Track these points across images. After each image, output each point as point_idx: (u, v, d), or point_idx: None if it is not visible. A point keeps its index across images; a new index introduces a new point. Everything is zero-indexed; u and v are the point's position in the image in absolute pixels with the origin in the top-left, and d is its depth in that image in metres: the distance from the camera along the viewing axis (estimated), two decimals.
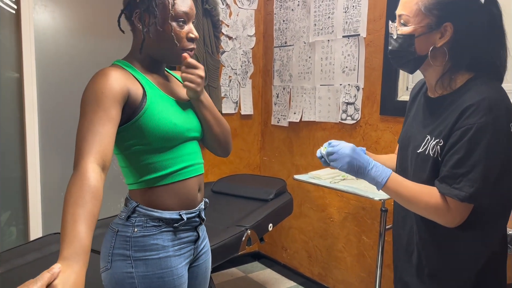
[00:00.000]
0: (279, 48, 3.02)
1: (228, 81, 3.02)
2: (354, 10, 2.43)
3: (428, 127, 1.12)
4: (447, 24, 1.04)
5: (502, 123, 0.98)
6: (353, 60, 2.47)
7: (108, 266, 1.14)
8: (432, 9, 1.04)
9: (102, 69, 1.09)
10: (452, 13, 1.04)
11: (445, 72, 1.09)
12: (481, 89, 1.02)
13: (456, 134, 1.01)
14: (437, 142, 1.06)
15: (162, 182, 1.16)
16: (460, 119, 1.01)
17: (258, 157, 3.27)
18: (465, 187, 0.99)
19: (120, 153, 1.16)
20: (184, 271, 1.20)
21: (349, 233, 2.58)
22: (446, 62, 1.08)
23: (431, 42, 1.07)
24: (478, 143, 0.98)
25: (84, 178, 0.91)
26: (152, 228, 1.15)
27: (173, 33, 1.13)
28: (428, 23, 1.05)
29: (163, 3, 1.12)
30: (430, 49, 1.07)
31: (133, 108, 1.10)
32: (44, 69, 2.40)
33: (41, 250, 1.89)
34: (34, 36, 2.33)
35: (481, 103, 0.99)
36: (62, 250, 0.80)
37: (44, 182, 2.42)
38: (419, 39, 1.07)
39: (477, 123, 0.98)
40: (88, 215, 0.86)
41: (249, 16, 3.07)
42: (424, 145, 1.10)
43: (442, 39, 1.06)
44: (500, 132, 0.98)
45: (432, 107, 1.14)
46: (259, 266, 3.25)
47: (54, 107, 2.44)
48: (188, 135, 1.20)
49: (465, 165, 0.99)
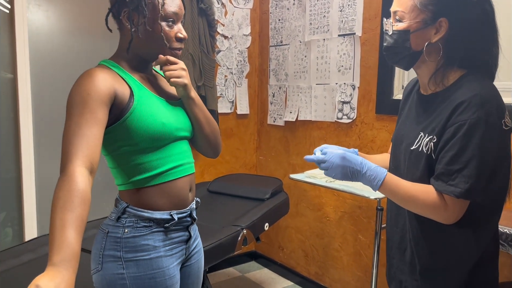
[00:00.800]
0: (275, 47, 3.01)
1: (224, 80, 3.02)
2: (349, 9, 2.43)
3: (421, 124, 1.11)
4: (442, 20, 1.05)
5: (494, 119, 0.99)
6: (349, 59, 2.47)
7: (99, 267, 1.13)
8: (428, 4, 1.05)
9: (88, 70, 1.07)
10: (447, 8, 1.04)
11: (438, 69, 1.09)
12: (473, 85, 1.02)
13: (449, 131, 1.01)
14: (430, 139, 1.06)
15: (152, 183, 1.15)
16: (453, 115, 1.01)
17: (254, 156, 3.27)
18: (460, 183, 0.99)
19: (109, 154, 1.15)
20: (176, 271, 1.20)
21: (346, 232, 2.58)
22: (439, 59, 1.08)
23: (426, 37, 1.07)
24: (471, 139, 0.98)
25: (72, 182, 0.90)
26: (143, 229, 1.14)
27: (162, 33, 1.12)
28: (423, 19, 1.06)
29: (152, 3, 1.11)
30: (426, 45, 1.07)
31: (120, 109, 1.09)
32: (38, 69, 2.38)
33: (36, 251, 1.89)
34: (28, 36, 2.31)
35: (473, 99, 0.99)
36: (51, 256, 0.80)
37: (39, 183, 2.41)
38: (414, 34, 1.07)
39: (470, 119, 0.98)
40: (76, 220, 0.86)
41: (245, 15, 3.06)
42: (417, 142, 1.10)
43: (437, 34, 1.06)
44: (493, 127, 0.98)
45: (425, 104, 1.14)
46: (255, 265, 3.25)
47: (48, 108, 2.43)
48: (177, 135, 1.19)
49: (459, 162, 0.99)
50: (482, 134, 0.97)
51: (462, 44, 1.06)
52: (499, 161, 1.01)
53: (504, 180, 1.05)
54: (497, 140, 0.99)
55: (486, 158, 0.98)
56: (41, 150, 2.42)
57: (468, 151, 0.98)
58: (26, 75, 2.31)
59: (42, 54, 2.40)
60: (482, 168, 0.98)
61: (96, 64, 1.18)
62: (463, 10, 1.04)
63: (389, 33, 1.11)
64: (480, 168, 0.98)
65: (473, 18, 1.04)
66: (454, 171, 1.00)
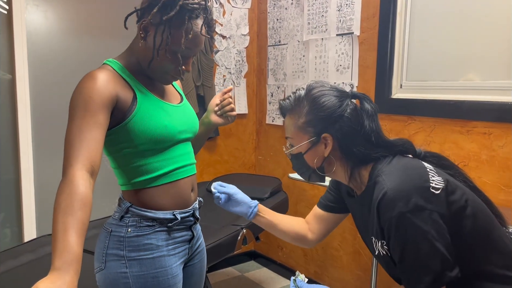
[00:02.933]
0: (273, 47, 3.02)
1: (222, 80, 3.02)
2: (347, 8, 2.44)
3: (370, 229, 1.12)
4: (324, 135, 1.10)
5: (416, 202, 0.96)
6: (347, 59, 2.48)
7: (102, 266, 1.14)
8: (306, 127, 1.12)
9: (91, 72, 1.07)
10: (322, 125, 1.09)
11: (350, 173, 1.12)
12: (381, 182, 1.02)
13: (385, 234, 1.02)
14: (381, 244, 1.06)
15: (154, 184, 1.15)
16: (379, 218, 1.02)
17: (253, 156, 3.27)
18: (420, 283, 0.97)
19: (111, 155, 1.15)
20: (178, 271, 1.20)
21: (345, 231, 2.59)
22: (345, 163, 1.12)
23: (319, 154, 1.12)
24: (404, 237, 0.96)
25: (72, 186, 0.92)
26: (146, 228, 1.14)
27: (180, 68, 1.13)
28: (309, 140, 1.12)
29: (179, 35, 1.08)
30: (323, 160, 1.12)
31: (123, 112, 1.09)
32: (37, 70, 2.38)
33: (35, 252, 1.88)
34: (27, 37, 2.31)
35: (384, 198, 0.99)
36: (53, 260, 0.83)
37: (38, 184, 2.41)
38: (307, 155, 1.14)
39: (392, 218, 0.97)
40: (78, 223, 0.88)
41: (243, 15, 3.07)
42: (375, 248, 1.10)
43: (327, 148, 1.11)
44: (419, 211, 0.95)
45: (361, 208, 1.15)
46: (255, 265, 3.25)
47: (47, 109, 2.42)
48: (179, 137, 1.19)
49: (406, 262, 0.98)
50: (411, 226, 0.95)
51: (352, 147, 1.09)
52: (442, 236, 0.96)
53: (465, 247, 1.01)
54: (430, 219, 0.95)
55: (430, 244, 0.94)
56: (40, 151, 2.41)
57: (408, 252, 0.96)
58: (25, 76, 2.31)
59: (41, 54, 2.40)
60: (431, 257, 0.95)
61: (95, 64, 1.17)
62: (334, 122, 1.09)
63: (289, 157, 1.20)
64: (427, 259, 0.95)
65: (347, 123, 1.08)
66: (409, 273, 0.98)
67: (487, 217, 1.06)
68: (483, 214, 1.05)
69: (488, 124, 1.88)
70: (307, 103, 1.11)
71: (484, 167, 1.91)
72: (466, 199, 1.02)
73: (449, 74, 2.06)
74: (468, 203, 1.02)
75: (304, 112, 1.11)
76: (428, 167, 1.05)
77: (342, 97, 1.10)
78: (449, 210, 0.99)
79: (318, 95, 1.11)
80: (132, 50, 1.17)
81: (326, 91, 1.11)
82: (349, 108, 1.09)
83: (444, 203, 0.99)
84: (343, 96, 1.11)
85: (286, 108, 1.17)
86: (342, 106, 1.09)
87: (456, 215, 1.00)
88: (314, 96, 1.11)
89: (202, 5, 1.10)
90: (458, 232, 1.00)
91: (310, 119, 1.11)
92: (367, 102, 1.11)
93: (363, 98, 1.12)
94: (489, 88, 1.89)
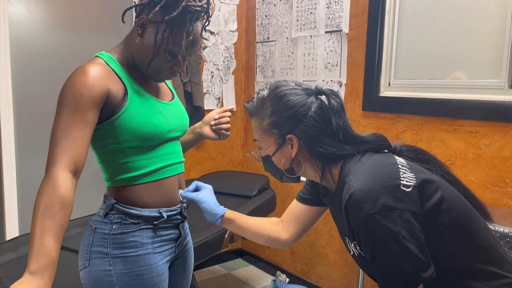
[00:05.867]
0: (262, 43, 3.00)
1: (210, 76, 2.99)
2: (336, 5, 2.43)
3: (342, 230, 1.11)
4: (289, 136, 1.08)
5: (384, 202, 0.93)
6: (336, 56, 2.47)
7: (86, 264, 1.11)
8: (270, 129, 1.10)
9: (82, 66, 1.03)
10: (286, 126, 1.08)
11: (321, 172, 1.11)
12: (348, 182, 1.00)
13: (355, 236, 1.00)
14: (354, 245, 1.05)
15: (140, 181, 1.13)
16: (348, 220, 1.00)
17: (241, 153, 3.26)
18: (393, 285, 0.95)
19: (96, 149, 1.13)
20: (164, 269, 1.18)
21: (332, 228, 2.59)
22: (315, 163, 1.10)
23: (287, 155, 1.11)
24: (374, 239, 0.94)
25: (54, 186, 0.91)
26: (131, 225, 1.12)
27: (175, 67, 1.12)
28: (274, 141, 1.11)
29: (180, 36, 1.06)
30: (291, 161, 1.11)
31: (113, 107, 1.06)
32: (19, 65, 2.32)
33: (17, 250, 1.85)
34: (9, 31, 2.25)
35: (350, 200, 0.96)
36: (29, 263, 0.84)
37: (20, 182, 2.35)
38: (275, 157, 1.13)
39: (360, 220, 0.95)
40: (56, 226, 0.88)
41: (231, 11, 3.04)
42: (349, 248, 1.09)
43: (294, 149, 1.09)
44: (388, 212, 0.92)
45: (334, 207, 1.14)
46: (242, 263, 3.24)
47: (30, 105, 2.36)
48: (169, 136, 1.16)
49: (378, 264, 0.96)
50: (380, 228, 0.92)
51: (318, 147, 1.07)
52: (413, 234, 0.93)
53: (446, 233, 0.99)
54: (401, 218, 0.92)
55: (400, 245, 0.91)
56: (22, 148, 2.36)
57: (379, 254, 0.94)
58: (7, 71, 2.25)
59: (23, 49, 2.34)
60: (402, 259, 0.92)
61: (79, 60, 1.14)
62: (298, 122, 1.06)
63: (258, 160, 1.19)
64: (399, 261, 0.92)
65: (311, 122, 1.06)
66: (383, 274, 0.96)
67: (466, 210, 1.03)
68: (462, 207, 1.03)
69: (475, 123, 1.89)
70: (270, 104, 1.09)
71: (470, 166, 1.93)
72: (442, 194, 0.99)
73: (437, 72, 2.07)
74: (444, 197, 0.99)
75: (268, 113, 1.09)
76: (400, 163, 1.02)
77: (305, 95, 1.08)
78: (423, 207, 0.96)
79: (280, 95, 1.08)
80: (127, 45, 1.14)
81: (288, 91, 1.08)
82: (313, 106, 1.06)
83: (417, 200, 0.95)
84: (307, 94, 1.08)
85: (251, 110, 1.14)
86: (306, 105, 1.06)
87: (431, 211, 0.97)
88: (277, 96, 1.08)
89: (204, 8, 1.09)
90: (435, 228, 0.98)
91: (274, 121, 1.09)
92: (333, 98, 1.08)
93: (329, 94, 1.09)
94: (476, 86, 1.91)
